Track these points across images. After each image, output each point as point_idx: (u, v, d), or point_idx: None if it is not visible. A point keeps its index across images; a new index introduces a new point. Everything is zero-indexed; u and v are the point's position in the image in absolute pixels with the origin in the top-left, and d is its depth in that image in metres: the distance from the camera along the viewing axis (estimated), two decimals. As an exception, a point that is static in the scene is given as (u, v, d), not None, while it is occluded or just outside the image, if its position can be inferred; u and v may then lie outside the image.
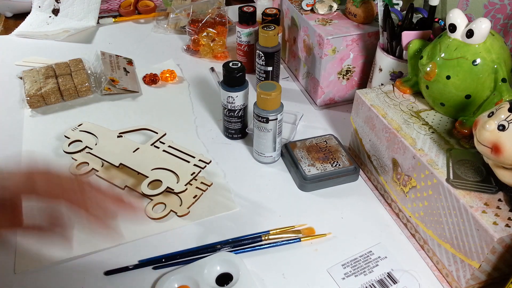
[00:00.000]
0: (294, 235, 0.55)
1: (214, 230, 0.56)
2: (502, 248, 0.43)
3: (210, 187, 0.62)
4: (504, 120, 0.41)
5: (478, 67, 0.50)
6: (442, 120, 0.56)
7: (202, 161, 0.60)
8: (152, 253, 0.53)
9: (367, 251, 0.54)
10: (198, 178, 0.61)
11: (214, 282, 0.49)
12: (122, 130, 0.68)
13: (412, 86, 0.60)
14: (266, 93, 0.58)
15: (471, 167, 0.48)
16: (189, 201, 0.59)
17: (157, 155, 0.61)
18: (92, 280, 0.50)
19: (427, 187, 0.50)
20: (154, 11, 1.10)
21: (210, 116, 0.77)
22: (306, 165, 0.62)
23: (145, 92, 0.82)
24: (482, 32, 0.49)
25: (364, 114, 0.60)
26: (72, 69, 0.82)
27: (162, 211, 0.57)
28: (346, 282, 0.50)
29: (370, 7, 0.72)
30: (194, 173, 0.58)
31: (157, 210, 0.58)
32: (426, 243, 0.53)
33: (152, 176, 0.58)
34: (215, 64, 0.91)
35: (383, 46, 0.68)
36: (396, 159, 0.55)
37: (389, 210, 0.60)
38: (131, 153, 0.62)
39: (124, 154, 0.62)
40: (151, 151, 0.62)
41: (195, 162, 0.60)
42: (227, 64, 0.64)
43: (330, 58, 0.72)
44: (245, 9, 0.82)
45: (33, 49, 0.95)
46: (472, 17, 0.66)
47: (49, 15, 1.04)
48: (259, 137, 0.63)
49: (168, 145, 0.63)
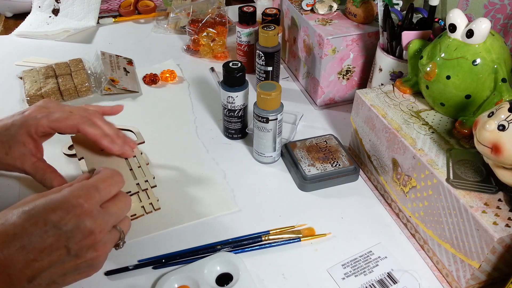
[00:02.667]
0: (294, 235, 0.55)
1: (214, 230, 0.56)
2: (502, 248, 0.43)
3: (209, 188, 0.62)
4: (504, 120, 0.41)
5: (478, 67, 0.50)
6: (442, 120, 0.56)
7: (147, 183, 0.57)
8: (152, 253, 0.53)
9: (367, 251, 0.54)
10: (151, 198, 0.58)
11: (214, 282, 0.49)
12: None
13: (412, 86, 0.60)
14: (266, 93, 0.58)
15: (471, 167, 0.48)
16: None
17: (116, 160, 0.59)
18: (92, 280, 0.50)
19: (427, 187, 0.50)
20: (154, 11, 1.10)
21: (210, 116, 0.77)
22: (306, 165, 0.62)
23: (145, 92, 0.82)
24: (482, 32, 0.49)
25: (364, 114, 0.60)
26: (72, 69, 0.82)
27: None
28: (346, 282, 0.50)
29: (370, 7, 0.72)
30: (129, 192, 0.54)
31: None
32: (426, 243, 0.53)
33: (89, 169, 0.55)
34: (215, 64, 0.91)
35: (383, 46, 0.68)
36: (396, 159, 0.55)
37: (389, 210, 0.60)
38: (99, 151, 0.59)
39: (93, 149, 0.59)
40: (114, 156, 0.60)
41: (141, 181, 0.57)
42: (227, 64, 0.64)
43: (330, 58, 0.72)
44: (245, 9, 0.82)
45: (33, 49, 0.95)
46: (472, 17, 0.66)
47: (49, 15, 1.04)
48: (259, 137, 0.63)
49: (134, 154, 0.60)
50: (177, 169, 0.65)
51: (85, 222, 0.40)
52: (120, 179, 0.46)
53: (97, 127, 0.55)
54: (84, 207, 0.40)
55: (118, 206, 0.44)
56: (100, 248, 0.41)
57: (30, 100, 0.75)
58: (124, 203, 0.45)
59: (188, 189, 0.62)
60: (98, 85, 0.82)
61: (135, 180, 0.57)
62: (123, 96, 0.80)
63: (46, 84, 0.78)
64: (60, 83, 0.78)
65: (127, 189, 0.55)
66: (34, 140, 0.54)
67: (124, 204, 0.45)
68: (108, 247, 0.42)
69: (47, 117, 0.53)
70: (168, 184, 0.62)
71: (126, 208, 0.46)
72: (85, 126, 0.54)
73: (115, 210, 0.43)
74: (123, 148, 0.57)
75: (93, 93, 0.81)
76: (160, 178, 0.63)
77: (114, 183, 0.45)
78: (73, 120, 0.54)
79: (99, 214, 0.41)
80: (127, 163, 0.59)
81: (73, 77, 0.80)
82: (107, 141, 0.55)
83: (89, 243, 0.40)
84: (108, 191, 0.43)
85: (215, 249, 0.53)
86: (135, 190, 0.55)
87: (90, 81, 0.81)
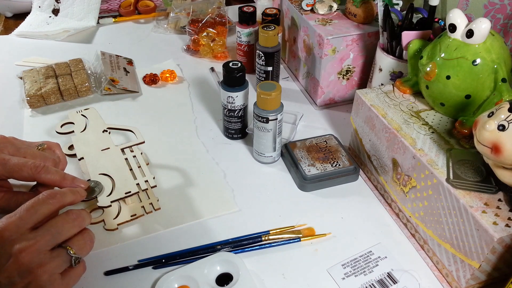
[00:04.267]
0: (294, 235, 0.55)
1: (214, 230, 0.56)
2: (502, 248, 0.43)
3: (209, 188, 0.62)
4: (504, 120, 0.41)
5: (478, 67, 0.50)
6: (442, 120, 0.56)
7: (147, 183, 0.57)
8: (152, 253, 0.53)
9: (367, 251, 0.54)
10: (151, 198, 0.58)
11: (214, 282, 0.49)
12: (111, 125, 0.67)
13: (412, 86, 0.60)
14: (266, 93, 0.58)
15: (471, 167, 0.48)
16: (124, 217, 0.56)
17: (116, 160, 0.59)
18: (92, 280, 0.50)
19: (427, 187, 0.50)
20: (154, 11, 1.10)
21: (210, 116, 0.77)
22: (306, 165, 0.62)
23: (145, 92, 0.82)
24: (482, 32, 0.49)
25: (364, 114, 0.60)
26: (72, 69, 0.82)
27: (97, 217, 0.56)
28: (346, 282, 0.50)
29: (370, 7, 0.72)
30: (129, 192, 0.55)
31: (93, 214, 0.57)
32: (426, 243, 0.53)
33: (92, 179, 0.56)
34: (215, 64, 0.91)
35: (383, 46, 0.68)
36: (396, 159, 0.55)
37: (389, 210, 0.60)
38: (99, 151, 0.60)
39: (93, 149, 0.60)
40: (116, 155, 0.60)
41: (141, 181, 0.57)
42: (227, 64, 0.64)
43: (330, 58, 0.72)
44: (245, 9, 0.82)
45: (33, 49, 0.95)
46: (472, 17, 0.66)
47: (49, 15, 1.04)
48: (259, 137, 0.63)
49: (134, 155, 0.61)
50: (177, 169, 0.65)
51: (6, 247, 0.40)
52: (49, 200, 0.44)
53: (53, 173, 0.51)
54: (2, 234, 0.40)
55: (57, 224, 0.43)
56: (35, 270, 0.40)
57: (30, 100, 0.75)
58: (66, 221, 0.44)
59: (188, 189, 0.62)
60: (98, 85, 0.82)
61: (135, 180, 0.57)
62: (123, 96, 0.80)
63: (46, 84, 0.78)
64: (60, 83, 0.78)
65: (127, 189, 0.55)
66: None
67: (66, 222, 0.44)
68: (49, 267, 0.41)
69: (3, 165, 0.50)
70: (168, 184, 0.62)
71: (72, 225, 0.44)
72: (41, 175, 0.50)
73: (51, 228, 0.42)
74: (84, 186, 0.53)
75: (93, 93, 0.81)
76: (160, 178, 0.63)
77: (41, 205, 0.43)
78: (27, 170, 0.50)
79: (22, 237, 0.40)
80: (127, 163, 0.59)
81: (73, 77, 0.80)
82: (69, 182, 0.52)
83: (15, 266, 0.39)
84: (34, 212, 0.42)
85: (215, 249, 0.53)
86: (135, 190, 0.56)
87: (90, 81, 0.81)
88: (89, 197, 0.52)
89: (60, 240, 0.43)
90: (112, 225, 0.55)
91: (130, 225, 0.56)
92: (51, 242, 0.42)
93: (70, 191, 0.48)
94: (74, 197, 0.48)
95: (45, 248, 0.41)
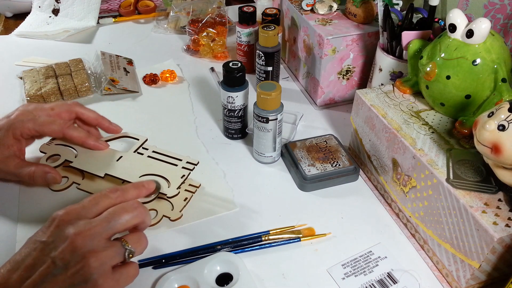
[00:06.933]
0: (294, 235, 0.55)
1: (214, 230, 0.56)
2: (502, 248, 0.43)
3: (209, 188, 0.62)
4: (504, 120, 0.41)
5: (478, 67, 0.50)
6: (442, 120, 0.56)
7: (190, 163, 0.59)
8: (152, 253, 0.53)
9: (367, 251, 0.54)
10: (186, 181, 0.59)
11: (214, 282, 0.49)
12: (106, 138, 0.63)
13: (412, 86, 0.60)
14: (266, 93, 0.58)
15: (471, 167, 0.48)
16: (180, 205, 0.57)
17: (142, 162, 0.59)
18: (92, 280, 0.50)
19: (427, 187, 0.50)
20: (154, 11, 1.10)
21: (210, 116, 0.77)
22: (306, 165, 0.62)
23: (145, 92, 0.82)
24: (482, 32, 0.49)
25: (364, 114, 0.60)
26: (72, 69, 0.82)
27: (154, 217, 0.56)
28: (346, 282, 0.50)
29: (370, 7, 0.72)
30: (184, 176, 0.56)
31: None
32: (426, 243, 0.53)
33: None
34: (215, 64, 0.91)
35: (383, 46, 0.68)
36: (396, 159, 0.55)
37: (389, 210, 0.60)
38: (115, 162, 0.59)
39: (108, 163, 0.59)
40: (136, 158, 0.60)
41: (183, 164, 0.58)
42: (227, 64, 0.64)
43: (330, 58, 0.72)
44: (245, 9, 0.82)
45: (33, 49, 0.95)
46: (472, 17, 0.66)
47: (49, 15, 1.04)
48: (259, 137, 0.63)
49: (152, 150, 0.61)
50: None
51: (64, 230, 0.41)
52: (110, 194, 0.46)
53: (80, 130, 0.59)
54: (63, 218, 0.42)
55: (115, 213, 0.43)
56: (88, 255, 0.40)
57: (30, 100, 0.75)
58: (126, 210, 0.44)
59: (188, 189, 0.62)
60: (98, 85, 0.82)
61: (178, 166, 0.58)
62: (123, 96, 0.80)
63: (46, 84, 0.78)
64: (60, 83, 0.78)
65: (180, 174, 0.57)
66: (18, 142, 0.57)
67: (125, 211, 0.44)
68: (102, 255, 0.41)
69: (33, 120, 0.56)
70: (168, 184, 0.62)
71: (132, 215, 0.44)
72: (69, 131, 0.57)
73: (109, 216, 0.43)
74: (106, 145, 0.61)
75: (93, 93, 0.81)
76: (160, 178, 0.63)
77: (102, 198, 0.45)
78: (58, 125, 0.57)
79: (80, 222, 0.41)
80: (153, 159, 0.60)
81: (73, 77, 0.80)
82: (92, 140, 0.59)
83: (69, 249, 0.40)
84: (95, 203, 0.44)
85: (215, 249, 0.53)
86: (187, 172, 0.57)
87: (90, 81, 0.81)
88: (156, 194, 0.55)
89: (116, 229, 0.43)
90: (176, 214, 0.56)
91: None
92: (107, 230, 0.42)
93: (132, 187, 0.49)
94: (137, 192, 0.49)
95: (101, 235, 0.41)
